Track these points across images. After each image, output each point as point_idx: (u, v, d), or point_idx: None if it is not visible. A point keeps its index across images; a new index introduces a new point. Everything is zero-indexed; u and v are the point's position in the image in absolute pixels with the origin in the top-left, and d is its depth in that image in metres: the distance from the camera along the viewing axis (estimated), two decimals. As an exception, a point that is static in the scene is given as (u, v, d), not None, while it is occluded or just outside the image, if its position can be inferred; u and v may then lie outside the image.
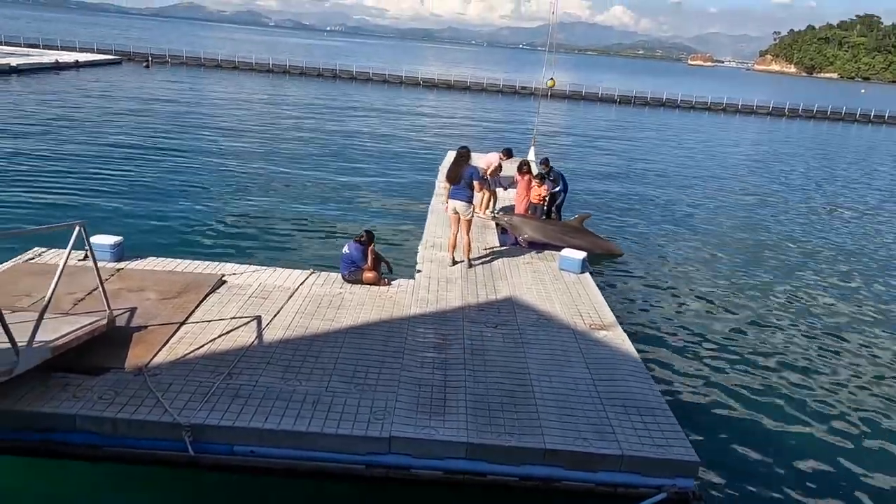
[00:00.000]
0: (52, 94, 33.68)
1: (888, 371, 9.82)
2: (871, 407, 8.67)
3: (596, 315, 8.79)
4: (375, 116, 37.40)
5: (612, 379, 7.05)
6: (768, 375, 9.22)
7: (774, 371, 9.39)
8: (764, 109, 67.20)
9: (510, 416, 6.18)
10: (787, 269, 14.54)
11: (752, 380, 9.04)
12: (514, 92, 65.15)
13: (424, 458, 5.78)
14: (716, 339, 10.27)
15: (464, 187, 10.17)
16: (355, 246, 9.30)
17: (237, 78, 55.69)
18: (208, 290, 8.49)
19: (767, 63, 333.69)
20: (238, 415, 5.84)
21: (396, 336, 7.69)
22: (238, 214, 14.94)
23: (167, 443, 5.69)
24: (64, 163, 18.76)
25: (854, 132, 57.53)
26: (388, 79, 65.87)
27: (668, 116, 55.99)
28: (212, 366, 6.62)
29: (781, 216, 20.20)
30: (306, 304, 8.38)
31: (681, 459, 5.75)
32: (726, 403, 8.30)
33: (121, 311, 7.50)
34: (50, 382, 6.02)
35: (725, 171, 28.47)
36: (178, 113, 31.12)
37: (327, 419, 5.89)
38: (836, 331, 11.25)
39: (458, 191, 10.20)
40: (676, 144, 36.72)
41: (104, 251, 9.01)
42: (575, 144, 33.22)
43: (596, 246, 12.95)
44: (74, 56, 54.12)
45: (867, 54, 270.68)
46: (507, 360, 7.33)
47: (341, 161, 22.84)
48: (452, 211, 10.28)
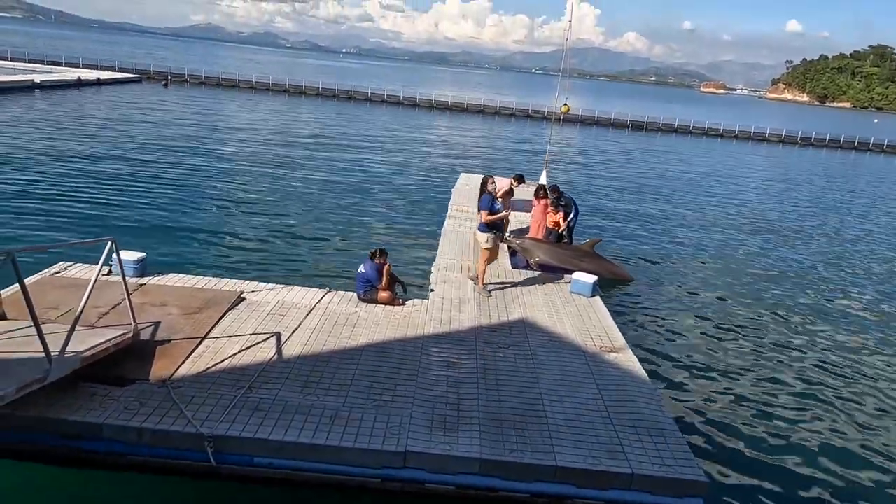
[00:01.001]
0: (74, 111, 34.39)
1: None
2: (883, 433, 8.74)
3: (606, 338, 8.94)
4: (390, 138, 37.87)
5: (622, 400, 7.19)
6: (778, 399, 9.33)
7: (784, 395, 9.49)
8: (776, 137, 67.35)
9: (522, 434, 6.33)
10: (798, 295, 14.64)
11: (762, 403, 9.14)
12: (527, 116, 65.70)
13: (438, 473, 5.93)
14: (725, 363, 10.38)
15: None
16: (371, 265, 9.51)
17: (254, 98, 56.59)
18: (228, 306, 8.72)
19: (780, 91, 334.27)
20: (258, 427, 6.02)
21: (411, 354, 7.86)
22: (255, 232, 15.24)
23: (190, 453, 5.87)
24: (86, 178, 19.18)
25: (867, 161, 57.52)
26: (402, 101, 66.64)
27: (680, 142, 56.25)
28: (232, 379, 6.82)
29: (793, 242, 20.29)
30: (323, 322, 8.58)
31: (689, 479, 5.87)
32: (735, 425, 8.41)
33: (145, 325, 7.73)
34: (78, 392, 6.24)
35: (737, 198, 28.58)
36: (196, 131, 31.69)
37: (345, 433, 6.06)
38: (849, 356, 11.34)
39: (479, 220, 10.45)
40: (688, 170, 36.90)
41: (128, 267, 9.24)
42: (587, 168, 33.48)
43: (606, 270, 13.09)
44: (96, 74, 55.24)
45: (880, 84, 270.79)
46: (519, 380, 7.48)
47: (356, 181, 23.19)
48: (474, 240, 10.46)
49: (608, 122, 66.37)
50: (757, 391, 9.51)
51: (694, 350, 10.79)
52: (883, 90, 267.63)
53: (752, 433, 8.27)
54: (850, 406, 9.42)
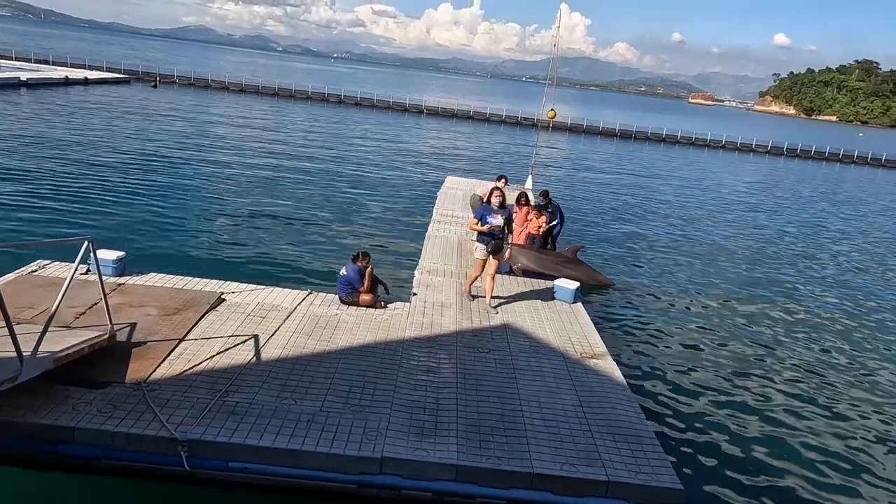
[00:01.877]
0: (60, 109, 34.13)
1: (879, 403, 9.97)
2: (864, 441, 8.81)
3: (587, 344, 8.94)
4: (377, 142, 37.85)
5: (600, 406, 7.18)
6: (757, 407, 9.37)
7: (763, 403, 9.53)
8: (763, 148, 67.99)
9: (500, 440, 6.30)
10: (779, 303, 14.74)
11: (741, 411, 9.18)
12: (517, 123, 65.90)
13: (415, 480, 5.89)
14: (705, 371, 10.42)
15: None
16: (353, 268, 9.47)
17: (243, 100, 56.39)
18: (207, 307, 8.64)
19: (767, 104, 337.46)
20: (234, 431, 5.95)
21: (391, 358, 7.82)
22: (238, 234, 15.15)
23: (163, 457, 5.78)
24: (68, 176, 19.01)
25: (852, 172, 58.15)
26: (392, 106, 66.66)
27: (668, 152, 56.61)
28: (209, 383, 6.74)
29: (776, 251, 20.43)
30: (303, 325, 8.52)
31: (665, 487, 5.86)
32: (713, 434, 8.43)
33: (121, 325, 7.64)
34: (51, 394, 6.15)
35: (720, 207, 28.78)
36: (182, 132, 31.51)
37: (321, 438, 6.00)
38: (829, 363, 11.45)
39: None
40: (674, 179, 37.12)
41: (106, 266, 9.15)
42: (573, 175, 33.62)
43: (588, 277, 13.13)
44: (84, 73, 54.87)
45: (865, 98, 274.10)
46: (498, 385, 7.46)
47: (342, 184, 23.14)
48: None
49: (597, 131, 66.70)
50: (736, 400, 9.55)
51: (674, 357, 10.82)
52: (868, 104, 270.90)
53: (730, 441, 8.29)
54: (830, 414, 9.49)
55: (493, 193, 10.08)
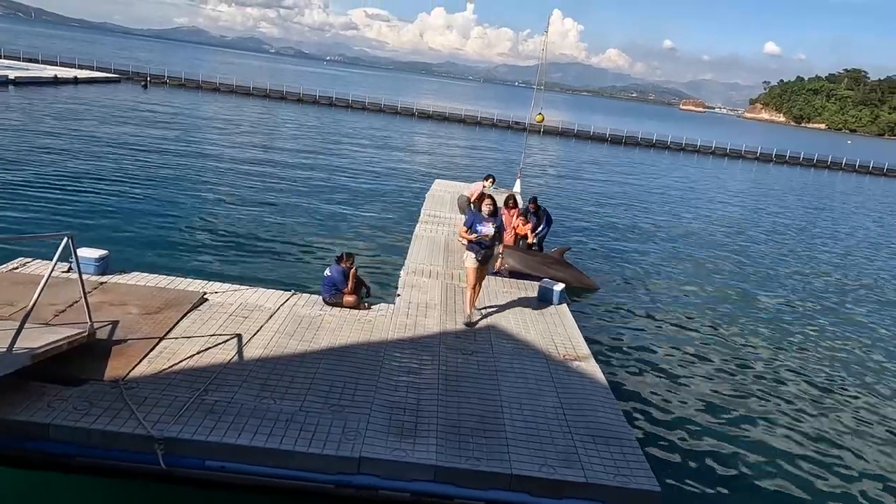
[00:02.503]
0: (47, 108, 33.91)
1: (860, 406, 10.06)
2: (844, 443, 8.88)
3: (571, 346, 8.95)
4: (367, 144, 37.84)
5: (581, 409, 7.18)
6: (737, 410, 9.42)
7: (744, 407, 9.58)
8: (752, 154, 68.43)
9: (479, 441, 6.29)
10: (762, 308, 14.85)
11: (720, 414, 9.23)
12: (508, 126, 66.06)
13: (393, 480, 5.86)
14: (687, 375, 10.48)
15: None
16: (337, 269, 9.45)
17: (234, 101, 56.27)
18: (190, 306, 8.59)
19: (757, 111, 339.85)
20: (211, 430, 5.91)
21: (373, 359, 7.80)
22: (223, 234, 15.09)
23: (139, 455, 5.73)
24: (53, 175, 18.89)
25: (840, 179, 58.61)
26: (383, 108, 66.68)
27: (657, 157, 56.89)
28: (188, 381, 6.70)
29: (760, 257, 20.55)
30: (286, 325, 8.48)
31: (643, 489, 5.87)
32: (693, 437, 8.47)
33: (102, 323, 7.58)
34: (27, 391, 6.08)
35: (708, 213, 28.92)
36: (171, 133, 31.39)
37: (300, 438, 5.97)
38: (806, 367, 11.53)
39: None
40: (663, 184, 37.29)
41: (88, 264, 9.09)
42: (562, 179, 33.74)
43: (574, 279, 13.16)
44: (74, 72, 54.58)
45: (854, 107, 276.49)
46: (480, 386, 7.45)
47: (330, 185, 23.12)
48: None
49: (587, 136, 66.96)
50: (717, 403, 9.60)
51: (657, 361, 10.86)
52: (856, 113, 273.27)
53: (710, 445, 8.34)
54: (811, 418, 9.55)
55: (483, 201, 9.65)
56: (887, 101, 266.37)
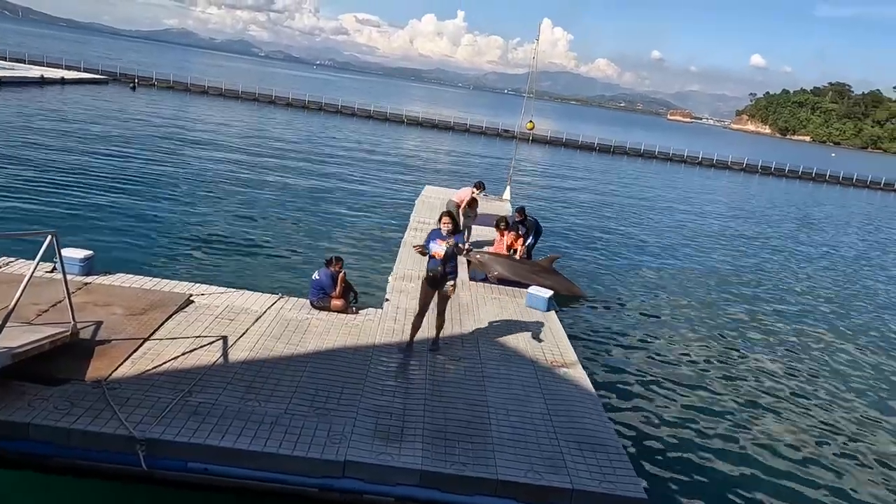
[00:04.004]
0: (33, 108, 33.58)
1: (849, 414, 10.12)
2: (829, 447, 8.95)
3: (558, 352, 8.94)
4: (356, 149, 37.77)
5: (568, 415, 7.18)
6: (722, 419, 9.44)
7: (729, 415, 9.60)
8: (738, 165, 69.01)
9: (465, 446, 6.26)
10: (747, 314, 14.97)
11: (707, 422, 9.24)
12: (497, 134, 66.24)
13: (378, 484, 5.82)
14: (673, 383, 10.48)
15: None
16: (326, 273, 9.40)
17: (223, 104, 56.02)
18: (175, 308, 8.51)
19: (743, 122, 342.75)
20: (195, 431, 5.85)
21: (360, 363, 7.76)
22: (210, 238, 14.97)
23: (120, 456, 5.66)
24: (38, 176, 18.68)
25: (824, 191, 59.21)
26: (372, 114, 66.61)
27: (645, 167, 57.23)
28: (172, 382, 6.63)
29: (745, 264, 20.69)
30: (272, 328, 8.43)
31: (629, 496, 5.86)
32: (679, 444, 8.48)
33: (85, 323, 7.49)
34: (6, 389, 5.99)
35: (694, 223, 29.08)
36: (159, 135, 31.16)
37: (284, 441, 5.92)
38: (794, 374, 11.61)
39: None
40: (650, 193, 37.49)
41: (73, 264, 8.99)
42: (551, 187, 33.83)
43: (561, 287, 13.17)
44: (61, 73, 54.13)
45: (838, 120, 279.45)
46: (467, 392, 7.42)
47: (319, 190, 23.03)
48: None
49: (576, 145, 67.29)
50: (704, 411, 9.62)
51: (644, 369, 10.87)
52: (840, 126, 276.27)
53: (696, 452, 8.35)
54: (795, 425, 9.59)
55: (441, 219, 8.28)
56: (870, 114, 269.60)
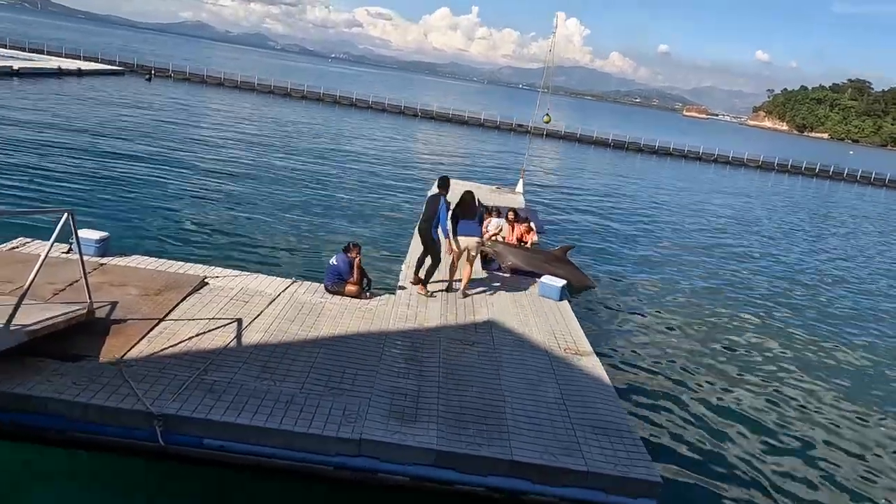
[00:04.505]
0: (51, 98, 33.85)
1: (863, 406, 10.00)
2: (841, 435, 8.88)
3: (571, 340, 8.90)
4: (370, 141, 37.77)
5: (582, 401, 7.14)
6: (736, 404, 9.42)
7: (742, 401, 9.57)
8: (754, 163, 68.33)
9: (480, 427, 6.25)
10: (761, 306, 14.86)
11: (719, 408, 9.22)
12: (511, 129, 65.96)
13: (392, 463, 5.82)
14: (685, 371, 10.45)
15: (477, 223, 10.29)
16: (343, 258, 9.40)
17: (238, 96, 56.20)
18: (190, 289, 8.55)
19: (760, 119, 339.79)
20: (211, 409, 5.87)
21: (374, 346, 7.76)
22: (225, 223, 15.04)
23: (137, 431, 5.70)
24: (56, 162, 18.83)
25: (842, 189, 58.54)
26: (387, 108, 66.57)
27: (659, 164, 56.82)
28: (188, 361, 6.66)
29: (759, 257, 20.51)
30: (287, 310, 8.45)
31: (644, 479, 5.83)
32: (692, 429, 8.44)
33: (101, 303, 7.54)
34: (24, 365, 6.04)
35: (706, 218, 28.86)
36: (175, 124, 31.34)
37: (299, 419, 5.93)
38: (805, 362, 11.56)
39: (474, 227, 10.16)
40: (664, 190, 37.25)
41: (89, 245, 9.05)
42: (564, 181, 33.68)
43: (573, 277, 13.12)
44: (78, 64, 54.53)
45: (857, 117, 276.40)
46: (481, 376, 7.40)
47: (333, 181, 23.06)
48: (463, 247, 10.02)
49: (590, 140, 66.87)
50: (714, 397, 9.59)
51: (656, 357, 10.82)
52: (859, 123, 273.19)
53: (708, 437, 8.32)
54: (808, 410, 9.56)
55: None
56: (890, 112, 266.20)
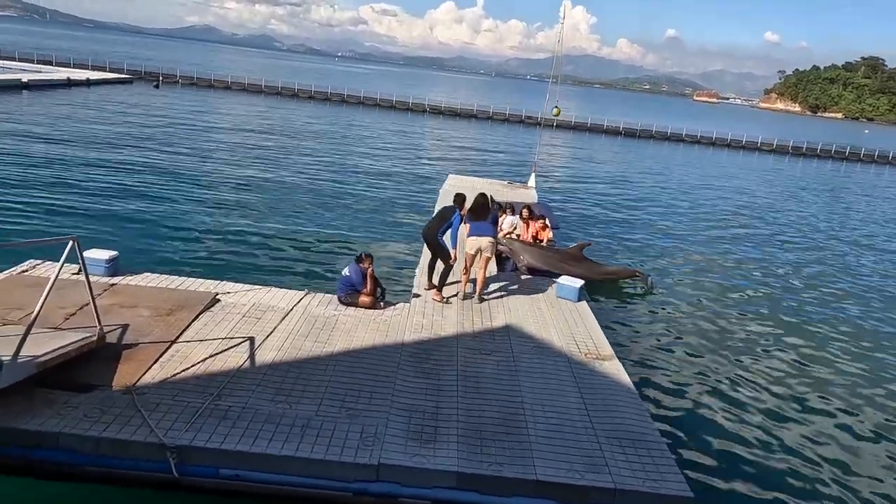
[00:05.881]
0: (60, 110, 33.96)
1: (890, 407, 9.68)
2: (880, 446, 8.54)
3: (592, 344, 8.68)
4: (379, 141, 37.60)
5: (606, 410, 6.93)
6: (770, 411, 9.09)
7: (776, 407, 9.25)
8: (768, 146, 67.45)
9: (502, 445, 6.06)
10: (791, 304, 14.43)
11: (752, 414, 8.91)
12: (520, 121, 65.60)
13: (413, 487, 5.65)
14: (715, 373, 10.14)
15: (491, 223, 10.10)
16: (355, 268, 9.23)
17: (245, 99, 56.20)
18: (201, 308, 8.41)
19: (772, 101, 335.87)
20: (225, 437, 5.72)
21: (389, 360, 7.58)
22: (236, 234, 14.92)
23: (151, 464, 5.56)
24: (64, 176, 18.82)
25: (858, 170, 57.63)
26: (395, 105, 66.40)
27: (672, 150, 56.23)
28: (201, 386, 6.52)
29: (783, 250, 20.13)
30: (300, 325, 8.29)
31: (675, 495, 5.61)
32: (724, 438, 8.17)
33: (112, 327, 7.42)
34: (35, 398, 5.92)
35: (727, 206, 28.45)
36: (182, 131, 31.35)
37: (316, 444, 5.78)
38: (844, 367, 11.12)
39: (486, 227, 9.97)
40: (679, 177, 36.80)
41: (98, 266, 8.96)
42: (576, 173, 33.37)
43: (599, 273, 12.89)
44: (86, 74, 54.76)
45: (871, 95, 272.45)
46: (500, 387, 7.21)
47: (341, 184, 22.91)
48: (475, 248, 9.83)
49: (601, 129, 66.32)
50: (748, 403, 9.26)
51: (682, 359, 10.55)
52: (874, 101, 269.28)
53: (742, 447, 8.02)
54: (846, 419, 9.18)
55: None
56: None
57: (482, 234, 9.86)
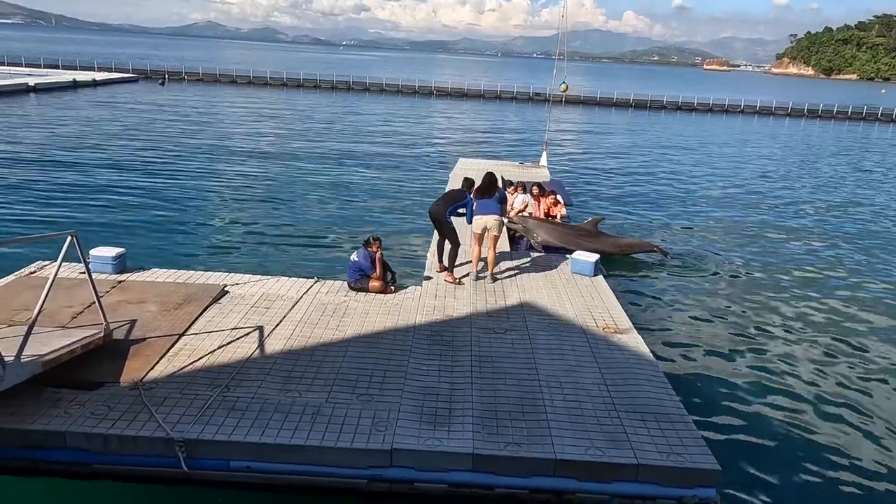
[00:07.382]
0: (67, 112, 34.06)
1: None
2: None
3: (610, 318, 8.46)
4: (386, 126, 37.35)
5: (626, 385, 6.72)
6: (793, 380, 8.82)
7: (799, 376, 8.97)
8: (782, 111, 66.27)
9: (519, 425, 5.88)
10: (815, 273, 14.00)
11: (776, 385, 8.65)
12: (528, 99, 64.98)
13: (428, 471, 5.49)
14: (738, 344, 9.87)
15: (497, 201, 9.85)
16: (364, 253, 9.07)
17: (251, 92, 56.08)
18: (210, 300, 8.30)
19: (784, 66, 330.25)
20: (234, 429, 5.59)
21: (401, 344, 7.42)
22: (243, 225, 14.83)
23: (160, 459, 5.45)
24: (71, 175, 18.82)
25: (876, 131, 56.42)
26: (401, 89, 66.00)
27: (684, 119, 55.41)
28: (209, 378, 6.39)
29: (806, 218, 19.68)
30: (310, 313, 8.15)
31: (701, 468, 5.41)
32: (748, 410, 7.93)
33: (118, 323, 7.31)
34: (41, 398, 5.83)
35: (744, 174, 27.93)
36: (186, 128, 31.27)
37: (327, 432, 5.63)
38: (862, 340, 10.62)
39: (492, 204, 9.70)
40: (692, 147, 36.20)
41: (105, 263, 8.87)
42: (588, 148, 32.93)
43: (617, 246, 12.65)
44: (92, 75, 54.89)
45: (887, 54, 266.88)
46: (516, 366, 7.03)
47: (350, 171, 22.72)
48: (482, 227, 9.60)
49: (610, 103, 65.50)
50: (772, 373, 8.98)
51: (703, 331, 10.28)
52: (889, 60, 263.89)
53: (767, 419, 7.74)
54: (874, 393, 8.79)
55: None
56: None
57: (487, 211, 9.60)
